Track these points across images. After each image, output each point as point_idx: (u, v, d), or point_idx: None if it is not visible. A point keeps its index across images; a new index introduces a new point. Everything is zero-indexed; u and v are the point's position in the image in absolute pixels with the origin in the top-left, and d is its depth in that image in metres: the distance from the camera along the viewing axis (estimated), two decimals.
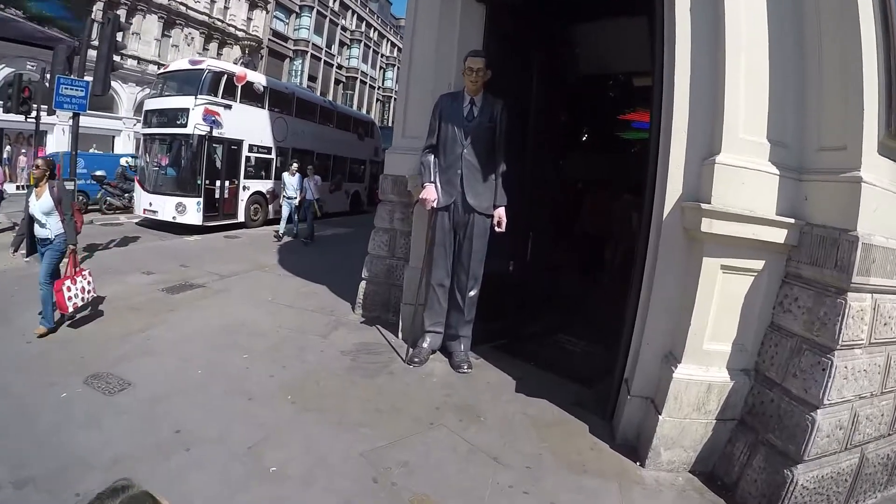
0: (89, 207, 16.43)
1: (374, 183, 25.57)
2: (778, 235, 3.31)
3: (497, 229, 5.00)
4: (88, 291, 5.68)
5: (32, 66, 18.75)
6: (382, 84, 51.13)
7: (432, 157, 5.06)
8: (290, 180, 13.13)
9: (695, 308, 3.45)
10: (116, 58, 9.18)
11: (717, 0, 3.40)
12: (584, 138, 11.49)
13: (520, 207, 5.22)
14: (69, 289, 5.37)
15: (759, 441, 3.28)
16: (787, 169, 3.36)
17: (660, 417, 3.48)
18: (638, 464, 3.59)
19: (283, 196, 13.32)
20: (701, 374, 3.47)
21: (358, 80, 45.53)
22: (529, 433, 3.96)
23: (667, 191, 3.65)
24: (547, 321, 6.70)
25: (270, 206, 16.35)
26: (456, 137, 4.95)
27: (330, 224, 17.54)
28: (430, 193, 4.93)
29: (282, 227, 13.23)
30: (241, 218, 15.08)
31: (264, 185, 16.16)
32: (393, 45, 54.05)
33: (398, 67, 51.87)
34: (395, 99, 50.79)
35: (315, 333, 5.80)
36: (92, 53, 9.06)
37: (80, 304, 5.53)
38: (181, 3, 28.31)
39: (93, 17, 11.58)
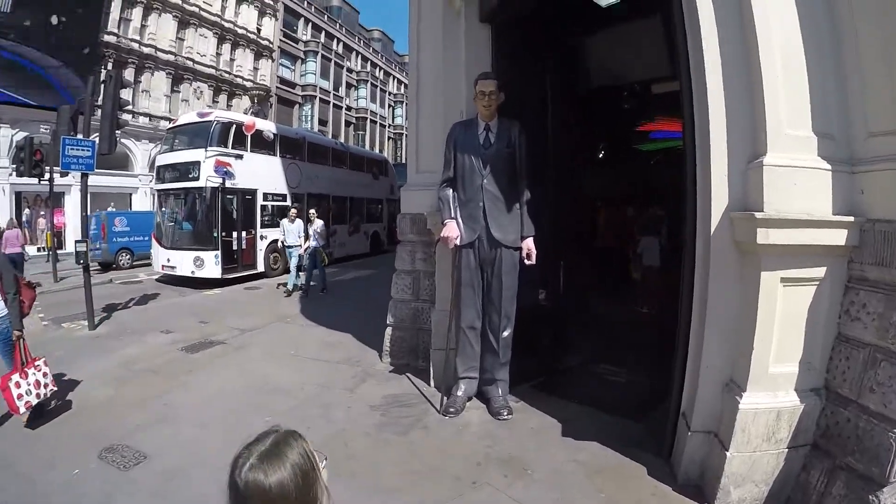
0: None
1: (393, 222, 25.53)
2: (838, 237, 3.00)
3: (527, 262, 4.66)
4: (46, 385, 4.72)
5: (45, 129, 18.97)
6: (392, 122, 51.45)
7: (450, 191, 4.75)
8: (290, 227, 12.26)
9: (756, 329, 3.10)
10: (125, 115, 9.12)
11: None
12: (602, 154, 11.15)
13: (546, 233, 4.90)
14: (18, 385, 4.43)
15: (837, 466, 2.92)
16: (838, 162, 3.06)
17: (727, 454, 3.12)
18: None
19: (284, 245, 12.50)
20: (769, 401, 3.13)
21: (368, 119, 45.82)
22: (583, 484, 3.57)
23: (712, 201, 3.31)
24: (581, 350, 6.33)
25: None
26: (474, 167, 4.63)
27: (351, 267, 17.42)
28: (453, 231, 4.59)
29: (290, 280, 12.09)
30: (260, 268, 14.91)
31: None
32: (399, 82, 54.58)
33: (406, 103, 52.68)
34: (406, 135, 51.31)
35: (341, 388, 5.46)
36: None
37: (34, 401, 4.55)
38: (187, 59, 28.74)
39: (97, 76, 11.56)
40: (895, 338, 2.73)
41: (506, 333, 4.76)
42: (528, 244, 4.65)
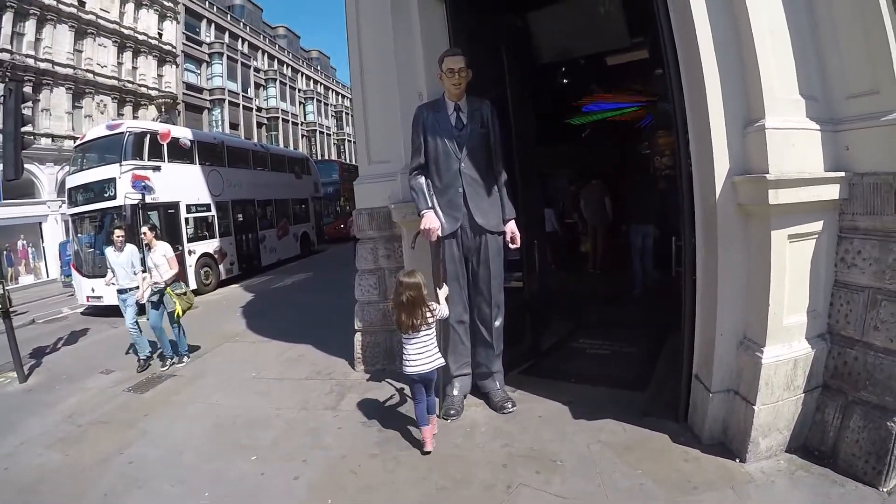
0: None
1: (320, 220, 25.08)
2: (832, 192, 3.19)
3: (511, 246, 4.45)
4: None
5: None
6: (304, 119, 50.10)
7: (423, 178, 4.40)
8: (117, 259, 7.32)
9: (771, 286, 3.22)
10: (28, 135, 8.10)
11: None
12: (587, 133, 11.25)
13: (519, 214, 4.65)
14: None
15: (851, 401, 3.18)
16: (823, 122, 3.22)
17: (755, 408, 3.25)
18: (738, 460, 3.34)
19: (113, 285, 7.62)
20: (786, 353, 3.28)
21: (280, 119, 44.37)
22: (616, 464, 3.48)
23: (714, 167, 3.33)
24: (557, 328, 6.33)
25: (221, 266, 15.41)
26: (449, 151, 4.32)
27: (285, 272, 16.91)
28: (433, 221, 4.25)
29: (140, 345, 7.32)
30: (192, 285, 13.92)
31: (210, 246, 15.19)
32: (308, 78, 53.32)
33: (317, 100, 51.67)
34: (319, 132, 50.29)
35: (322, 407, 5.00)
36: None
37: None
38: (87, 71, 26.66)
39: None
40: (892, 279, 2.98)
41: (497, 323, 4.53)
42: (511, 227, 4.43)
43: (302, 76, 52.05)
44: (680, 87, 3.58)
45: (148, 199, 12.78)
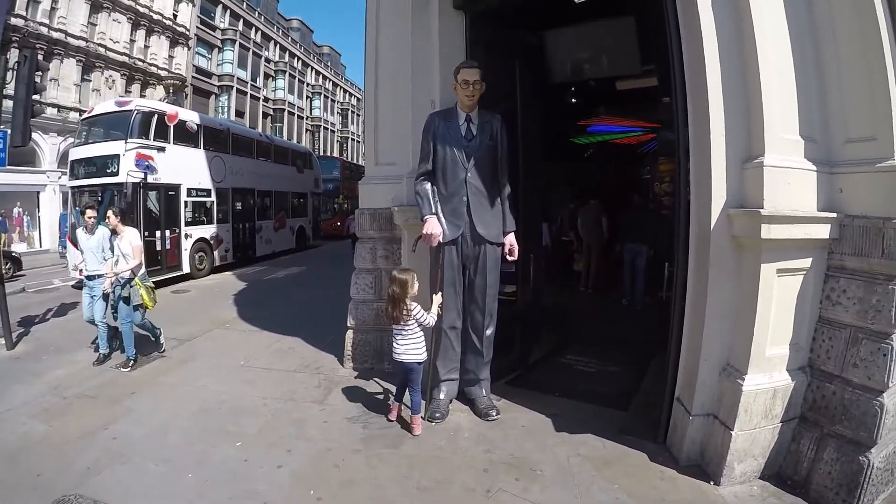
0: None
1: (318, 216, 25.11)
2: (823, 231, 3.30)
3: (509, 258, 4.55)
4: None
5: None
6: (310, 113, 50.15)
7: (429, 184, 4.49)
8: (88, 243, 6.70)
9: (757, 317, 3.33)
10: (36, 103, 8.10)
11: None
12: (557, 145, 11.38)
13: (518, 227, 4.74)
14: None
15: (826, 434, 3.29)
16: (820, 163, 3.33)
17: (732, 433, 3.35)
18: (712, 483, 3.43)
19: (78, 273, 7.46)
20: (766, 382, 3.38)
21: (286, 111, 44.40)
22: (595, 478, 3.57)
23: (712, 198, 3.45)
24: (547, 342, 6.43)
25: (216, 253, 15.40)
26: (457, 161, 4.41)
27: (279, 264, 16.88)
28: (435, 227, 4.34)
29: (101, 339, 6.66)
30: (186, 269, 13.98)
31: (207, 231, 15.16)
32: (317, 73, 53.37)
33: (325, 96, 51.71)
34: (323, 127, 50.32)
35: (309, 400, 5.06)
36: (7, 103, 7.90)
37: None
38: (100, 45, 26.63)
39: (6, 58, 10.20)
40: (874, 319, 3.09)
41: (489, 331, 4.61)
42: (510, 240, 4.53)
43: (311, 70, 52.11)
44: (685, 117, 3.70)
45: (150, 179, 12.75)
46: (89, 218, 6.71)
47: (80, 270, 6.21)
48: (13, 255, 17.50)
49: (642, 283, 8.69)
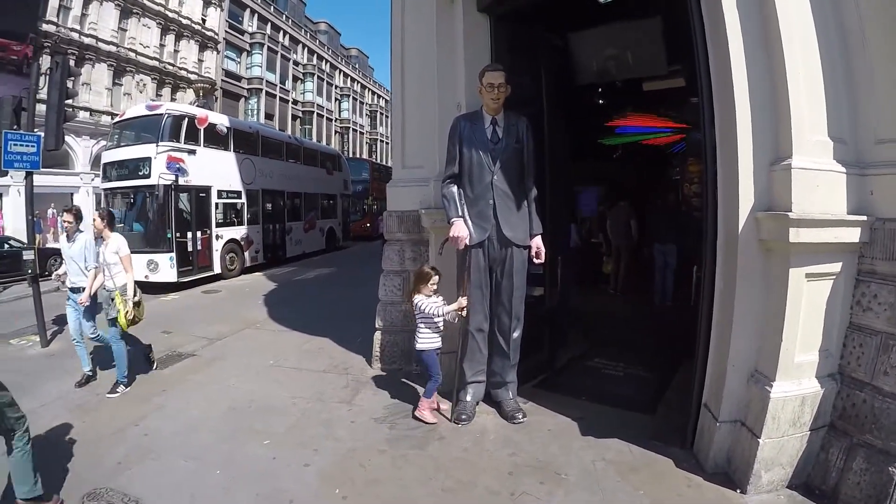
0: None
1: (347, 217, 25.33)
2: (853, 235, 3.21)
3: (536, 261, 4.53)
4: None
5: None
6: (339, 115, 50.65)
7: (455, 187, 4.52)
8: (69, 251, 5.95)
9: (785, 323, 3.23)
10: (69, 108, 8.34)
11: None
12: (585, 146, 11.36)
13: (545, 229, 4.73)
14: None
15: (855, 444, 3.18)
16: (849, 165, 3.24)
17: (759, 441, 3.27)
18: (739, 491, 3.35)
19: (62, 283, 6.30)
20: (795, 389, 3.29)
21: (315, 113, 44.93)
22: (620, 483, 3.53)
23: (739, 201, 3.37)
24: (574, 345, 6.42)
25: (246, 254, 15.65)
26: (483, 164, 4.42)
27: (309, 265, 17.03)
28: (462, 230, 4.36)
29: (82, 357, 5.95)
30: (217, 269, 14.26)
31: (238, 232, 15.44)
32: (345, 75, 53.86)
33: (353, 98, 52.12)
34: (352, 129, 50.70)
35: (336, 400, 5.12)
36: (41, 107, 8.16)
37: None
38: (130, 49, 27.38)
39: (38, 65, 10.53)
40: None
41: (516, 334, 4.61)
42: (537, 242, 4.51)
43: (340, 73, 52.62)
44: (712, 118, 3.63)
45: (181, 181, 13.03)
46: (67, 223, 5.89)
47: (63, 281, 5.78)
48: (60, 250, 17.92)
49: (672, 282, 8.68)
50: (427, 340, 4.51)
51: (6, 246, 15.83)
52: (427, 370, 4.58)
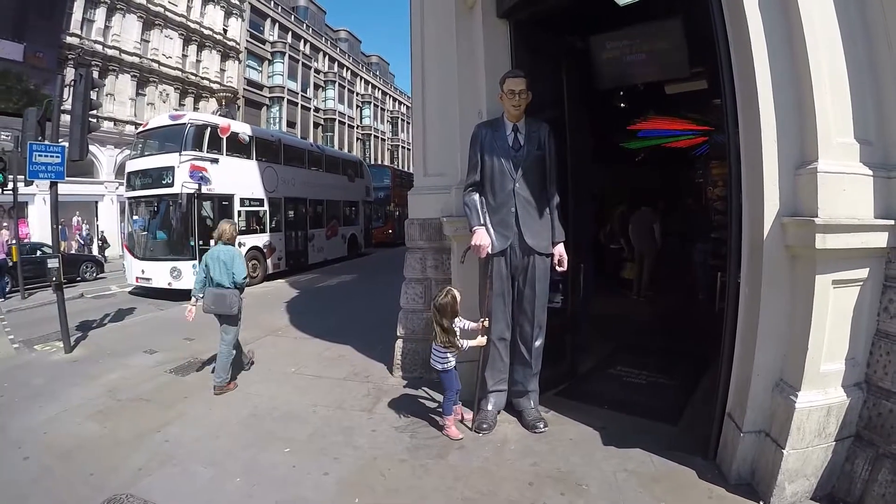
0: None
1: (369, 224, 25.44)
2: (881, 240, 3.14)
3: (559, 269, 4.48)
4: None
5: (7, 135, 18.05)
6: (360, 122, 51.04)
7: (477, 195, 4.49)
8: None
9: (812, 331, 3.16)
10: (92, 119, 8.48)
11: None
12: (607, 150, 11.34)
13: (568, 235, 4.69)
14: None
15: (882, 454, 3.11)
16: (876, 167, 3.17)
17: (784, 452, 3.19)
18: (762, 503, 3.26)
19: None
20: (821, 399, 3.22)
21: (336, 121, 45.35)
22: (641, 495, 3.47)
23: (764, 206, 3.28)
24: (596, 352, 6.32)
25: (269, 261, 15.79)
26: (505, 171, 4.39)
27: (332, 272, 17.09)
28: (484, 238, 4.32)
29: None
30: None
31: (260, 240, 15.60)
32: (366, 82, 54.26)
33: (374, 104, 52.46)
34: (374, 136, 51.01)
35: (357, 408, 5.11)
36: (65, 118, 8.30)
37: None
38: (153, 60, 28.00)
39: (63, 77, 10.77)
40: None
41: (538, 343, 4.56)
42: (560, 250, 4.47)
43: (361, 80, 53.02)
44: (735, 122, 3.55)
45: (204, 190, 13.22)
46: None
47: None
48: (95, 258, 18.57)
49: (710, 277, 8.64)
50: (448, 359, 4.41)
51: (38, 252, 16.16)
52: (448, 387, 4.47)
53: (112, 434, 4.71)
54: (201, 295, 5.90)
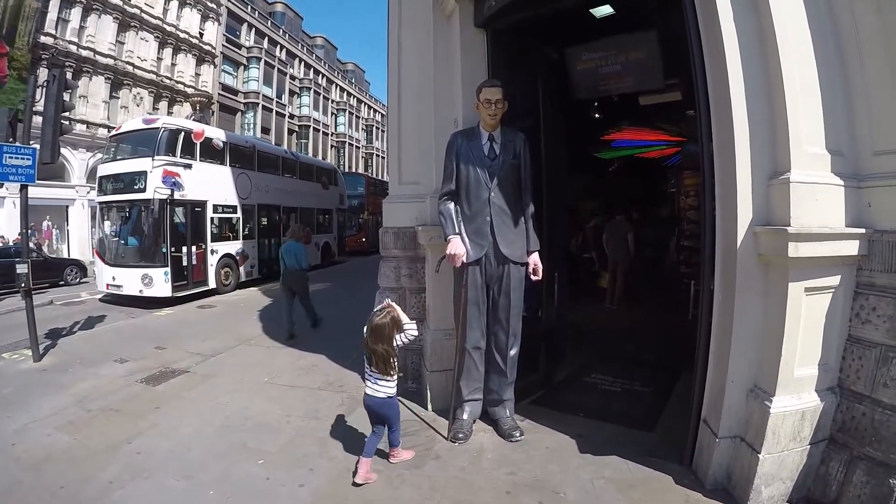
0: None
1: (343, 232, 25.29)
2: (852, 248, 3.21)
3: (533, 278, 4.49)
4: None
5: None
6: (335, 130, 50.82)
7: (452, 204, 4.49)
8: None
9: (785, 337, 3.23)
10: (65, 121, 8.29)
11: (760, 7, 3.23)
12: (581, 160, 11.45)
13: (543, 244, 4.71)
14: None
15: (855, 456, 3.18)
16: (847, 177, 3.24)
17: (759, 456, 3.25)
18: None
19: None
20: (795, 404, 3.28)
21: (311, 127, 45.08)
22: (619, 501, 3.49)
23: (737, 215, 3.34)
24: (571, 361, 6.33)
25: (242, 268, 15.59)
26: (480, 180, 4.40)
27: None
28: (459, 247, 4.32)
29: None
30: (212, 284, 14.21)
31: (233, 247, 15.40)
32: (342, 89, 54.10)
33: (349, 112, 52.29)
34: (348, 143, 50.83)
35: (332, 418, 5.05)
36: (37, 120, 8.11)
37: None
38: (128, 63, 27.52)
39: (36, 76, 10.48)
40: None
41: (513, 352, 4.56)
42: (535, 259, 4.48)
43: (336, 87, 52.86)
44: (709, 132, 3.59)
45: (176, 195, 12.99)
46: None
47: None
48: (79, 262, 18.14)
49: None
50: (384, 387, 3.95)
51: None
52: (392, 422, 4.03)
53: (83, 445, 4.59)
54: None
